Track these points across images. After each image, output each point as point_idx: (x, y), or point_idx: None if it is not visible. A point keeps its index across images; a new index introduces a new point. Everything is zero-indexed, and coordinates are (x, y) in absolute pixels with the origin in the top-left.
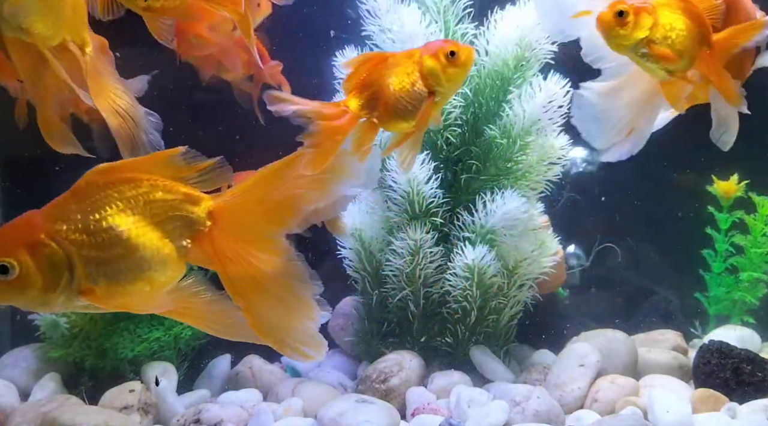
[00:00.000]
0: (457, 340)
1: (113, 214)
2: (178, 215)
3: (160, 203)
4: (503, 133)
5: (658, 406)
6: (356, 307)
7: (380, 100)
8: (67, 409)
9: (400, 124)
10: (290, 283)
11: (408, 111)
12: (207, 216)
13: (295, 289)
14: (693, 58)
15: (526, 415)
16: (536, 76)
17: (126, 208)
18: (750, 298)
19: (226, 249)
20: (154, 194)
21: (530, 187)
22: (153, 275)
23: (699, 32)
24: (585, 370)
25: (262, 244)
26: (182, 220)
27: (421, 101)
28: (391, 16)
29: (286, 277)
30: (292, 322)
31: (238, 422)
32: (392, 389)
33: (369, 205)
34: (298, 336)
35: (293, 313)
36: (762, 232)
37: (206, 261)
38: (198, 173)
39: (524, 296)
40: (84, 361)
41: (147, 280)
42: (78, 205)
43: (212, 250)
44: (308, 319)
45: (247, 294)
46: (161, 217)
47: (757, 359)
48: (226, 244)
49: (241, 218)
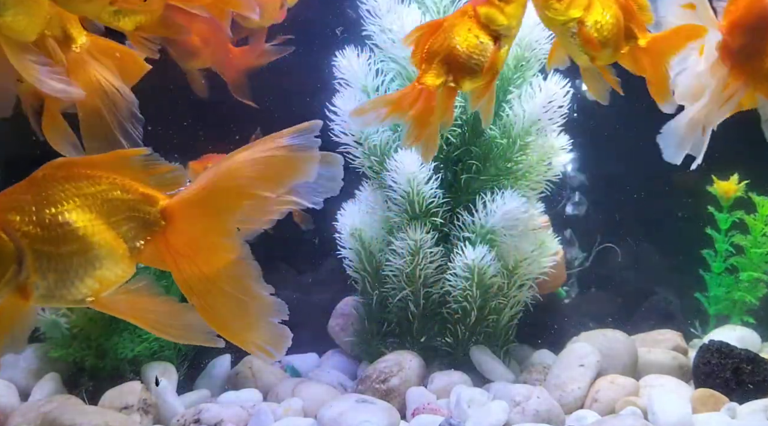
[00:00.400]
0: (457, 340)
1: (70, 209)
2: (135, 216)
3: (117, 202)
4: (503, 133)
5: (658, 406)
6: (356, 307)
7: (452, 65)
8: (67, 409)
9: (476, 81)
10: (245, 282)
11: (480, 65)
12: (162, 216)
13: (250, 287)
14: (616, 50)
15: (526, 415)
16: (536, 76)
17: (83, 205)
18: (750, 298)
19: (180, 248)
20: (112, 193)
21: (530, 187)
22: (104, 274)
23: (628, 26)
24: (585, 370)
25: (216, 243)
26: (138, 221)
27: (489, 51)
28: (391, 16)
29: (241, 276)
30: (252, 320)
31: (238, 422)
32: (392, 389)
33: (369, 205)
34: (259, 333)
35: (251, 311)
36: (762, 232)
37: (158, 262)
38: (154, 177)
39: (524, 296)
40: (84, 361)
41: (97, 279)
42: (34, 197)
43: (166, 250)
44: (270, 314)
45: (203, 293)
46: (117, 217)
47: (757, 359)
48: (180, 244)
49: (196, 218)
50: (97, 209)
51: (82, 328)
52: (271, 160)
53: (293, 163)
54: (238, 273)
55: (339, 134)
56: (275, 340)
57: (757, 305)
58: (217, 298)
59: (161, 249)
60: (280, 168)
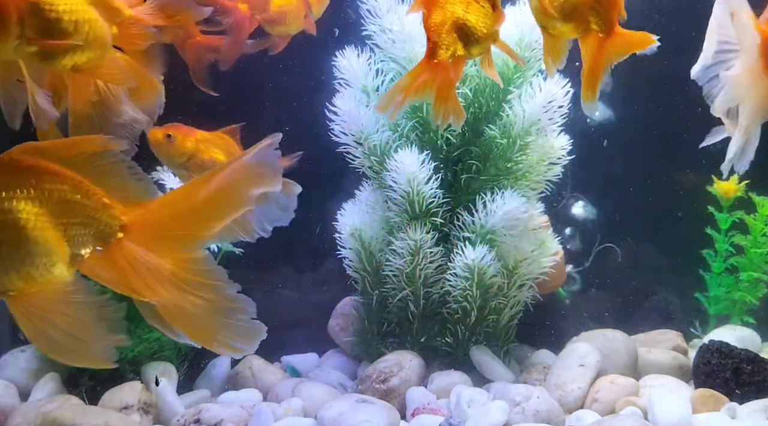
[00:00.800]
0: (457, 340)
1: (19, 198)
2: (89, 223)
3: (74, 206)
4: (503, 133)
5: (658, 406)
6: (356, 307)
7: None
8: (67, 409)
9: (483, 47)
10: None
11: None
12: (119, 228)
13: (218, 288)
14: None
15: (526, 415)
16: (536, 76)
17: (36, 198)
18: (750, 298)
19: (137, 261)
20: (72, 195)
21: (530, 187)
22: (32, 273)
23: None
24: (585, 370)
25: (175, 258)
26: (92, 229)
27: (491, 16)
28: (391, 16)
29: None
30: (221, 319)
31: (238, 422)
32: (392, 389)
33: (369, 205)
34: (229, 331)
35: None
36: (762, 232)
37: (99, 273)
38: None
39: (524, 296)
40: None
41: (23, 276)
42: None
43: (115, 264)
44: (239, 312)
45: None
46: (70, 220)
47: (757, 359)
48: (137, 257)
49: (154, 237)
50: (49, 206)
51: None
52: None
53: (256, 175)
54: (201, 278)
55: (339, 134)
56: (247, 335)
57: (757, 305)
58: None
59: (110, 262)
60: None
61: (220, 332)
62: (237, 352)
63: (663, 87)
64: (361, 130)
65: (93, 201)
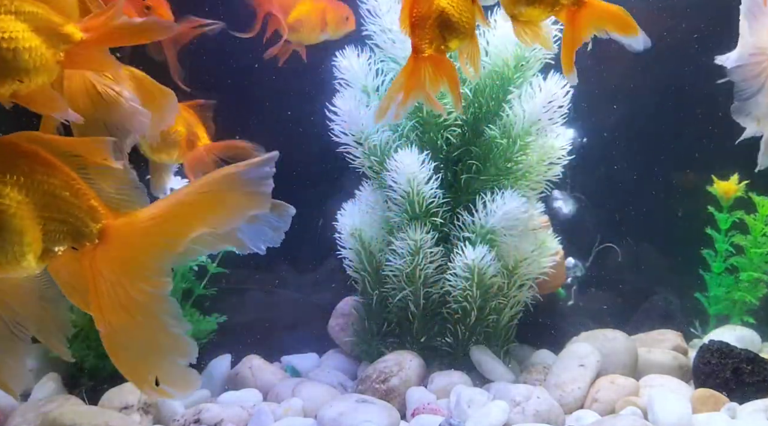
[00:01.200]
0: (457, 340)
1: (7, 182)
2: (71, 222)
3: (60, 202)
4: (503, 133)
5: (658, 406)
6: (356, 307)
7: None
8: (67, 409)
9: (462, 39)
10: (163, 318)
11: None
12: (98, 234)
13: (167, 324)
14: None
15: (526, 415)
16: (536, 76)
17: (24, 186)
18: (750, 298)
19: (105, 271)
20: (61, 191)
21: (530, 187)
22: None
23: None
24: (585, 370)
25: (143, 276)
26: (71, 228)
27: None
28: (391, 16)
29: (158, 312)
30: (160, 358)
31: (238, 422)
32: (392, 389)
33: (369, 205)
34: (164, 372)
35: (162, 349)
36: (762, 232)
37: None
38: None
39: (524, 296)
40: (84, 361)
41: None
42: None
43: (89, 268)
44: (179, 355)
45: (114, 321)
46: (52, 215)
47: (757, 359)
48: (106, 267)
49: (132, 248)
50: (35, 197)
51: (82, 328)
52: (222, 193)
53: (245, 193)
54: (156, 309)
55: (339, 134)
56: (181, 382)
57: (757, 305)
58: (128, 328)
59: (83, 265)
60: (231, 201)
61: (153, 372)
62: (165, 396)
63: (663, 87)
64: (361, 130)
65: (80, 201)
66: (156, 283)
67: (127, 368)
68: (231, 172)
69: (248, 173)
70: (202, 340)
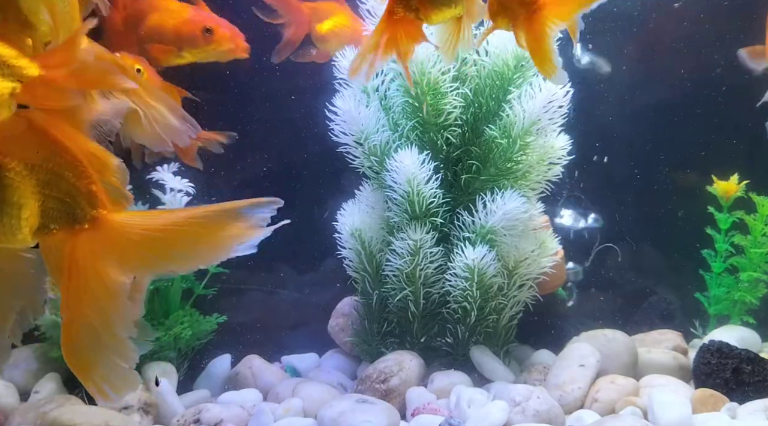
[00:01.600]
0: (457, 340)
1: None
2: (67, 202)
3: (61, 181)
4: (503, 133)
5: (658, 406)
6: (356, 307)
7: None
8: (67, 409)
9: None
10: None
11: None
12: (89, 219)
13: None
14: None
15: (526, 415)
16: (536, 76)
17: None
18: (750, 298)
19: (79, 256)
20: (64, 171)
21: (530, 187)
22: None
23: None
24: (585, 370)
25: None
26: (66, 207)
27: None
28: None
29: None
30: (104, 357)
31: (238, 422)
32: (392, 389)
33: (369, 205)
34: (104, 371)
35: (108, 348)
36: (762, 232)
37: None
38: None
39: (524, 296)
40: None
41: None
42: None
43: (70, 252)
44: (123, 359)
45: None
46: (51, 193)
47: (757, 359)
48: (81, 253)
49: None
50: (39, 174)
51: None
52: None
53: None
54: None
55: (339, 134)
56: (119, 383)
57: (757, 305)
58: (82, 320)
59: (65, 247)
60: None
61: (97, 370)
62: (104, 396)
63: (664, 87)
64: (361, 130)
65: (81, 183)
66: (119, 286)
67: (72, 360)
68: (232, 207)
69: (249, 211)
70: (202, 340)
